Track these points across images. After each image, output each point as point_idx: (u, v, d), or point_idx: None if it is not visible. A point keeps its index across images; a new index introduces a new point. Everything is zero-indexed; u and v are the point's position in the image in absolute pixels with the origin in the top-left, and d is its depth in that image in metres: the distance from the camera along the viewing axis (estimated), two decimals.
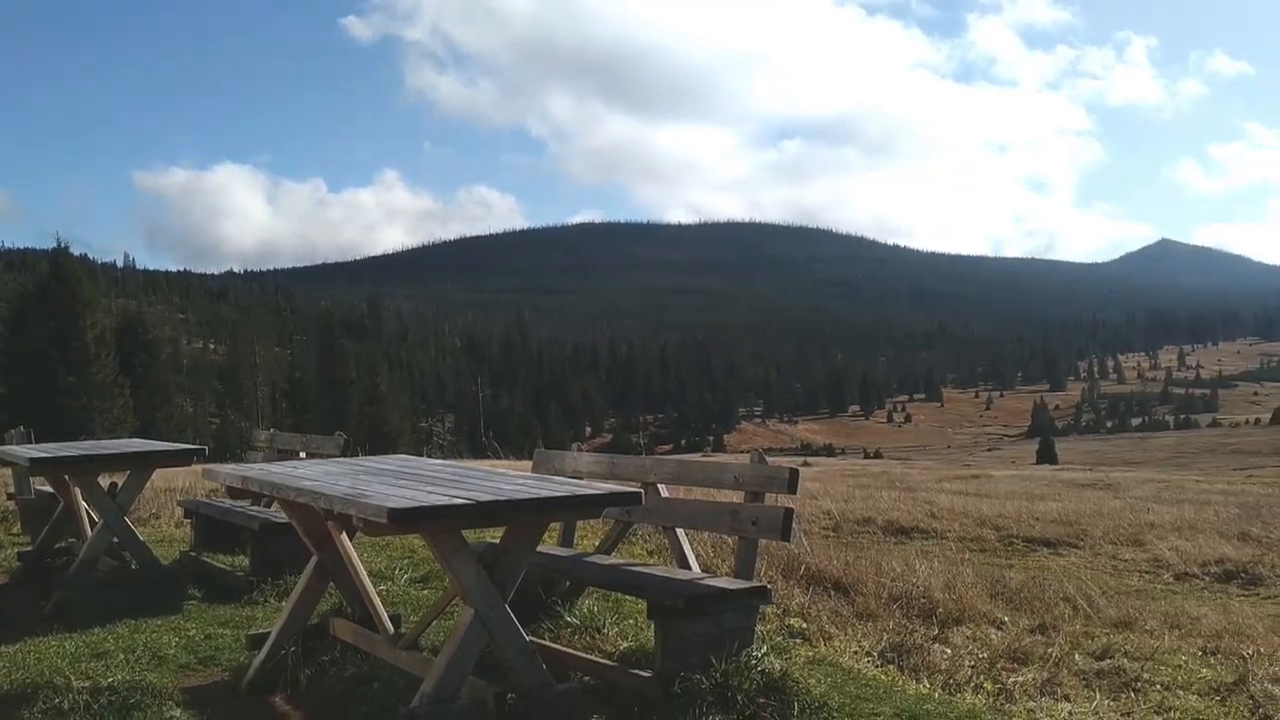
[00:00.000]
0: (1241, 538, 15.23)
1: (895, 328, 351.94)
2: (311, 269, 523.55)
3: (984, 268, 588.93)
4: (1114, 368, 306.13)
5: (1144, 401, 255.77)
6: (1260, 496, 25.32)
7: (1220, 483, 33.68)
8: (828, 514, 15.97)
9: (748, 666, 4.45)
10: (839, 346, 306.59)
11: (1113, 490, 26.94)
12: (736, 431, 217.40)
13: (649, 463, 5.82)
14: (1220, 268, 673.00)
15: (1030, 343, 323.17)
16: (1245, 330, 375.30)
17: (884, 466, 52.21)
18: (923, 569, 8.55)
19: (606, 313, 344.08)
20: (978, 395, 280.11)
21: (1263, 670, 6.39)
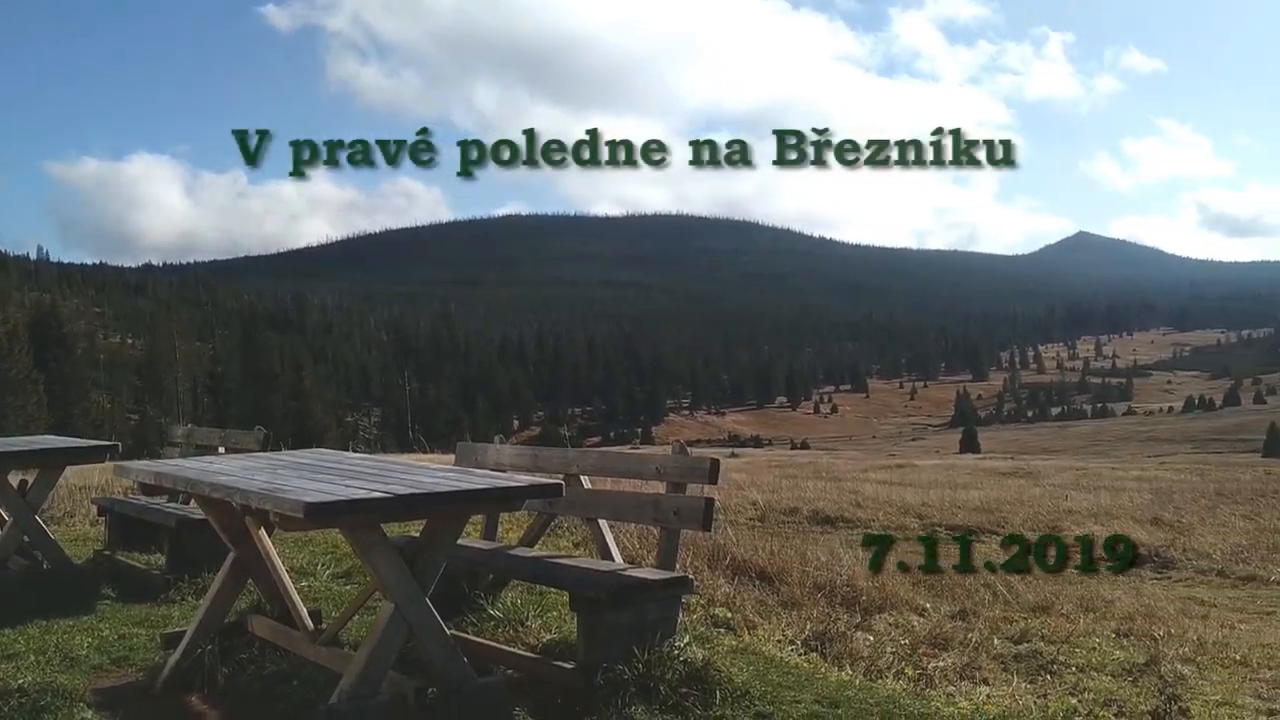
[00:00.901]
0: (1154, 523, 15.62)
1: (821, 319, 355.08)
2: (233, 262, 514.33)
3: (908, 260, 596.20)
4: (1034, 358, 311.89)
5: (1063, 391, 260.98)
6: (1172, 482, 25.95)
7: (1135, 469, 34.44)
8: (754, 504, 16.06)
9: (670, 657, 4.46)
10: (766, 338, 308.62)
11: (1032, 478, 27.44)
12: (664, 423, 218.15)
13: (572, 454, 5.81)
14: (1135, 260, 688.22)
15: (953, 334, 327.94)
16: (1159, 321, 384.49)
17: (810, 457, 52.65)
18: (847, 557, 8.62)
19: (534, 305, 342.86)
20: (902, 386, 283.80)
21: (1173, 650, 6.57)
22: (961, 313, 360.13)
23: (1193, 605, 9.15)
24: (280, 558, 5.22)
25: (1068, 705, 4.98)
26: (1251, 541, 13.49)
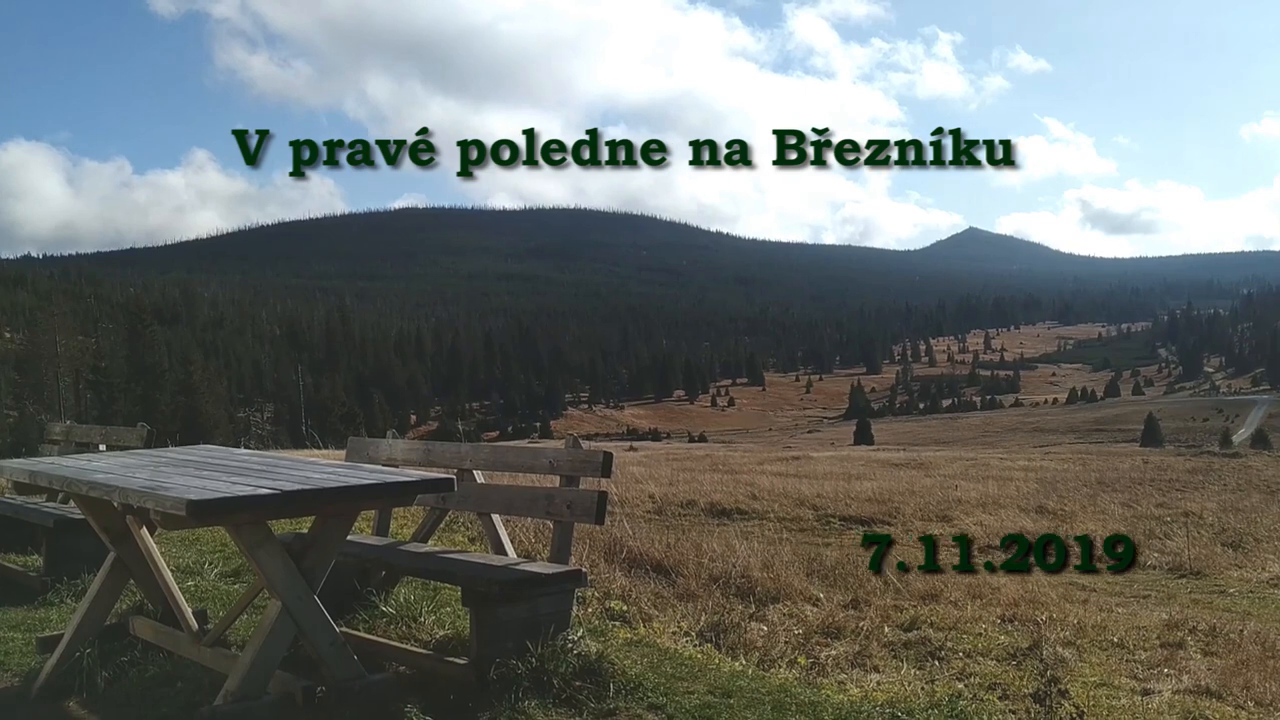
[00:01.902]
0: (1039, 511, 16.13)
1: (718, 314, 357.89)
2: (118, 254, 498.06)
3: (803, 255, 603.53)
4: (926, 351, 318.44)
5: (953, 383, 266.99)
6: (1057, 472, 26.79)
7: (1022, 460, 35.40)
8: (652, 497, 16.14)
9: (564, 650, 4.46)
10: (664, 332, 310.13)
11: (924, 469, 28.06)
12: (563, 418, 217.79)
13: (465, 449, 5.75)
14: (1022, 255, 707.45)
15: (847, 327, 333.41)
16: (1045, 315, 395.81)
17: (708, 450, 53.04)
18: (743, 549, 8.71)
19: (431, 299, 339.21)
20: (798, 379, 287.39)
21: (1054, 635, 6.78)
22: (856, 307, 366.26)
23: (1074, 590, 9.43)
24: (166, 557, 5.09)
25: (954, 690, 5.09)
26: (1129, 528, 14.00)
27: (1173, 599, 9.31)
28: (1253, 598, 9.64)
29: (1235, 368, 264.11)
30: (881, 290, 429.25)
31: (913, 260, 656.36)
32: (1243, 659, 6.35)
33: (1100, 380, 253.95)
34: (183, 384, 70.35)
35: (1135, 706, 5.14)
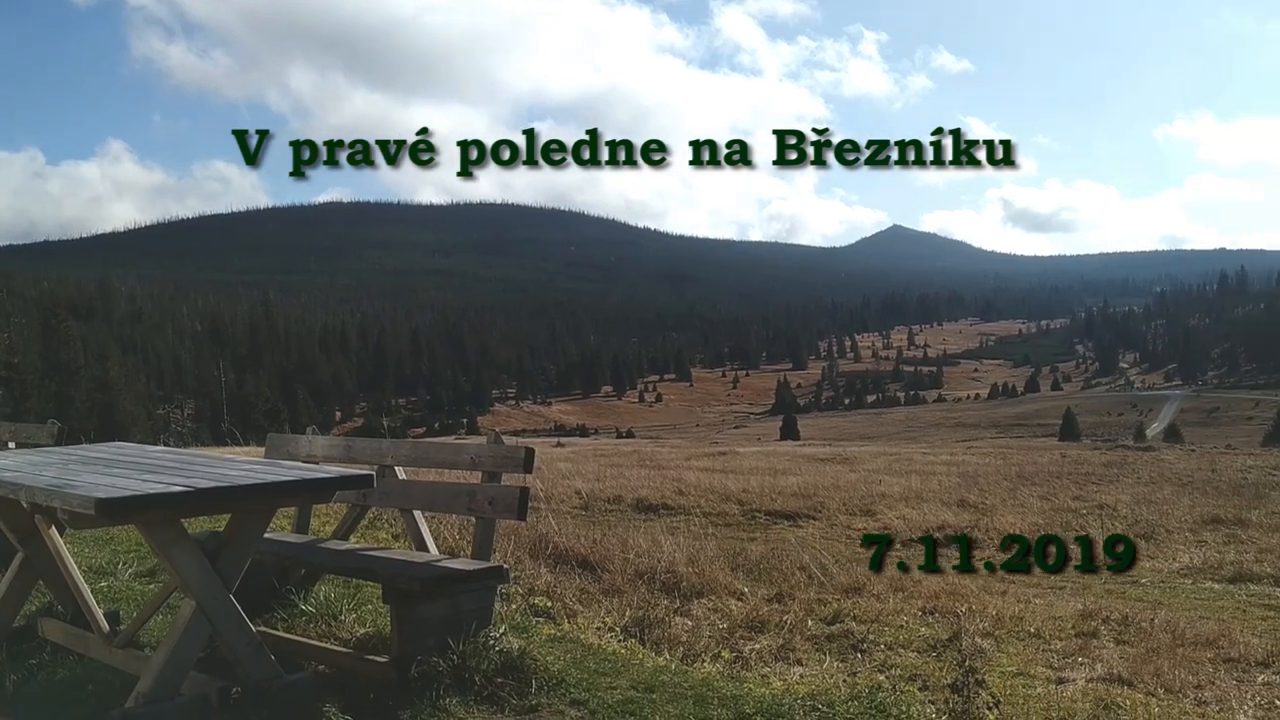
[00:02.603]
0: (961, 504, 16.33)
1: (646, 310, 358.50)
2: (31, 246, 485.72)
3: (730, 251, 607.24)
4: (851, 347, 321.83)
5: (878, 379, 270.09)
6: (978, 466, 27.17)
7: (944, 454, 35.90)
8: (578, 493, 16.08)
9: (486, 647, 4.43)
10: (592, 328, 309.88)
11: (849, 464, 28.30)
12: (490, 414, 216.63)
13: (386, 445, 5.69)
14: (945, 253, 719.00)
15: (774, 324, 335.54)
16: (967, 311, 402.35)
17: (635, 446, 53.06)
18: (668, 545, 8.72)
19: (357, 294, 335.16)
20: (725, 375, 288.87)
21: (974, 626, 6.88)
22: (782, 303, 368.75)
23: (994, 583, 9.56)
24: (79, 557, 4.97)
25: (875, 681, 5.14)
26: (1047, 521, 14.26)
27: (1088, 589, 9.49)
28: (1164, 587, 9.87)
29: (1149, 364, 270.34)
30: (808, 287, 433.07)
31: (838, 257, 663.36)
32: (1153, 647, 6.50)
33: (1021, 376, 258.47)
34: (99, 381, 68.78)
35: (1050, 695, 5.23)
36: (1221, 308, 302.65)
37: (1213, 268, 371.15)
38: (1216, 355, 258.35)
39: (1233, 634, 7.00)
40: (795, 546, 10.20)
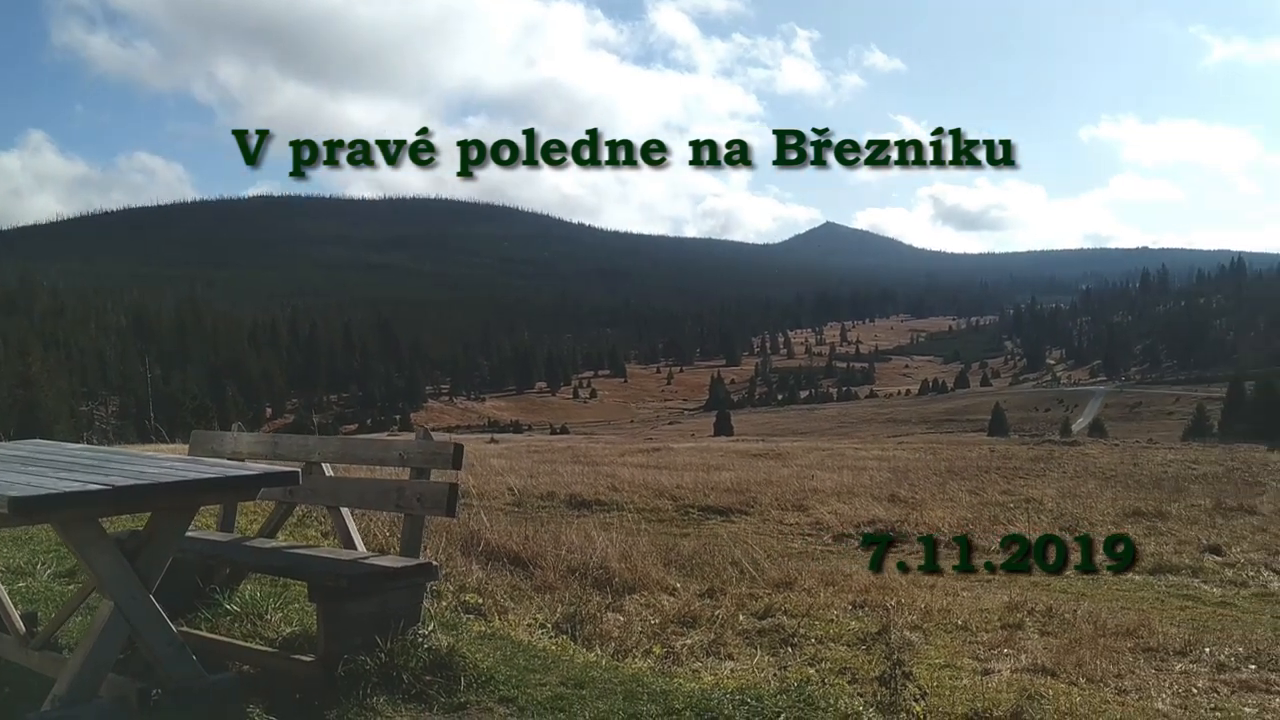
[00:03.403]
0: (891, 499, 16.52)
1: (581, 305, 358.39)
2: None
3: (665, 247, 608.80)
4: (784, 343, 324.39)
5: (811, 375, 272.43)
6: (908, 461, 27.52)
7: (876, 449, 36.33)
8: (511, 490, 16.03)
9: (414, 645, 4.38)
10: (526, 324, 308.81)
11: (782, 459, 28.50)
12: (424, 410, 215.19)
13: (313, 442, 5.61)
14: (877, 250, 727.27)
15: (708, 320, 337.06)
16: (898, 308, 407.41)
17: (569, 442, 52.98)
18: (601, 540, 8.72)
19: (287, 290, 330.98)
20: (659, 371, 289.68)
21: (903, 619, 6.98)
22: (716, 299, 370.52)
23: (922, 576, 9.69)
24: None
25: (804, 675, 5.19)
26: (975, 514, 14.47)
27: (1014, 582, 9.65)
28: (1086, 579, 10.05)
29: (1075, 360, 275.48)
30: (742, 283, 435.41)
31: (772, 254, 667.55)
32: (1076, 638, 6.62)
33: (950, 372, 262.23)
34: (20, 377, 67.27)
35: (975, 686, 5.31)
36: (1144, 305, 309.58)
37: (1136, 266, 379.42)
38: (1139, 352, 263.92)
39: (1152, 624, 7.16)
40: (728, 542, 10.24)
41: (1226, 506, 15.46)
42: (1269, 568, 10.56)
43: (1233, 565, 10.65)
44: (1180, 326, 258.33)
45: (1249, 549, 11.63)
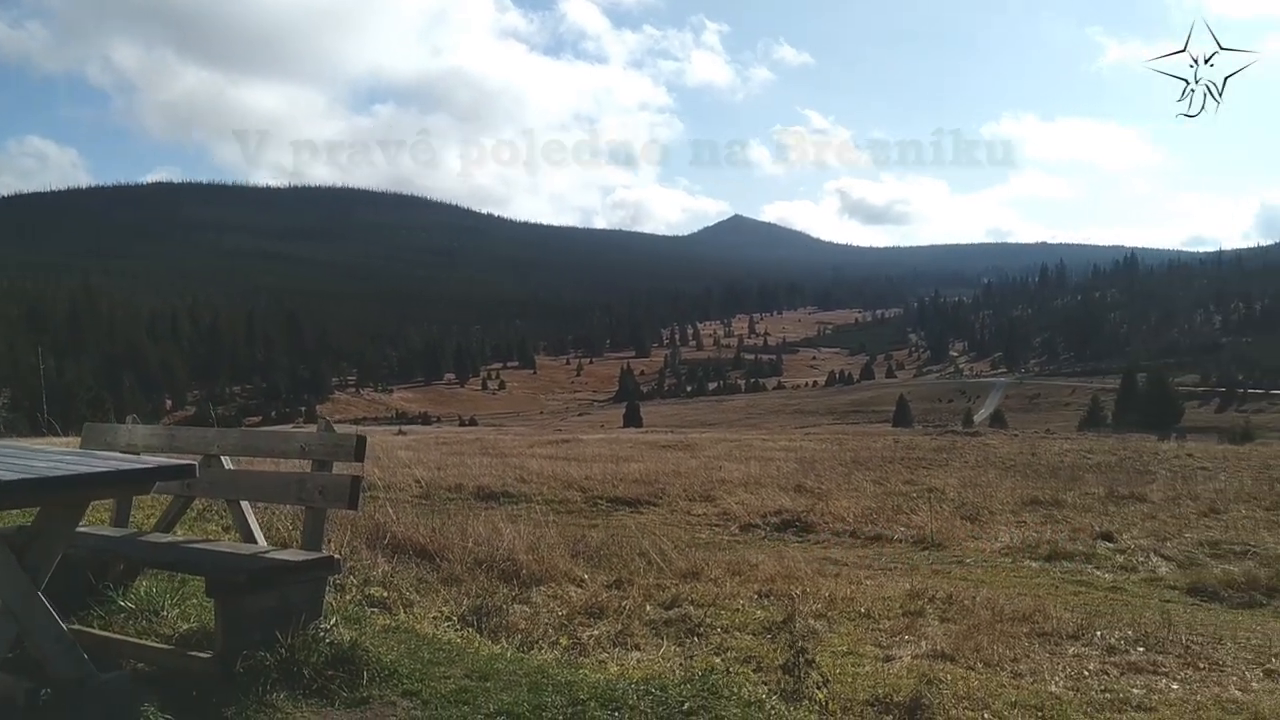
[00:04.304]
0: (798, 490, 16.71)
1: (490, 296, 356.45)
2: None
3: (575, 239, 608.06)
4: (693, 335, 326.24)
5: (719, 367, 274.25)
6: (815, 452, 27.91)
7: (783, 440, 36.77)
8: (419, 481, 15.91)
9: (316, 639, 4.32)
10: (434, 315, 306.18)
11: (690, 450, 28.71)
12: (330, 401, 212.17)
13: (212, 434, 5.49)
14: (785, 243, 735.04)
15: (618, 311, 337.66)
16: (806, 301, 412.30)
17: (478, 433, 52.74)
18: (509, 532, 8.69)
19: (188, 278, 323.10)
20: (569, 362, 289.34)
21: (807, 608, 7.05)
22: (625, 291, 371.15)
23: (828, 565, 9.81)
24: None
25: (710, 664, 5.22)
26: (879, 504, 14.69)
27: (916, 570, 9.82)
28: (986, 566, 10.27)
29: (977, 352, 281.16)
30: (651, 275, 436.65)
31: (681, 246, 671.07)
32: (975, 624, 6.76)
33: (857, 364, 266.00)
34: None
35: (877, 672, 5.40)
36: (1043, 299, 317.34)
37: (1035, 261, 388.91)
38: (1038, 344, 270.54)
39: (1047, 609, 7.34)
40: (636, 533, 10.27)
41: (1118, 494, 15.93)
42: (1158, 553, 10.89)
43: (1124, 551, 10.97)
44: (1077, 320, 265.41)
45: (1139, 535, 11.99)
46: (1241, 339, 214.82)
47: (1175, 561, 10.56)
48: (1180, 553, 10.92)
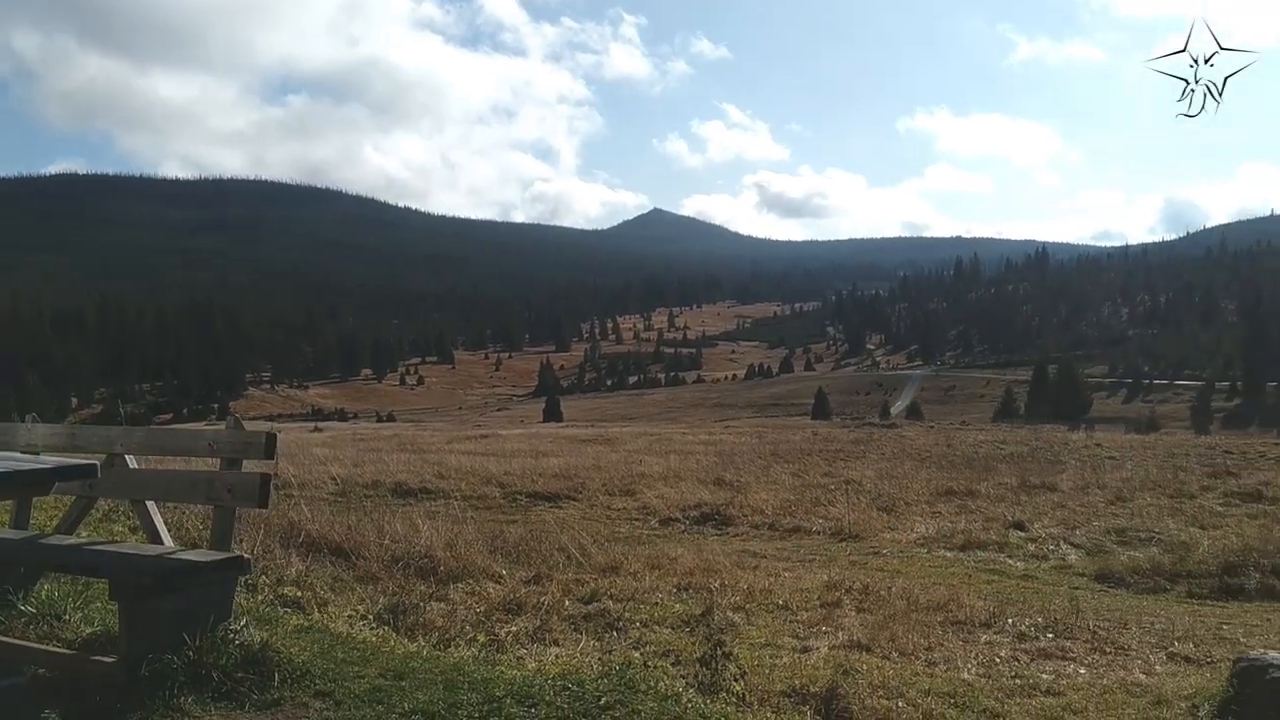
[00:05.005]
0: (717, 483, 16.79)
1: (407, 291, 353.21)
2: None
3: (493, 232, 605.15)
4: (613, 329, 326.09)
5: (639, 361, 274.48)
6: (735, 445, 28.09)
7: (703, 434, 36.97)
8: (335, 479, 15.77)
9: (225, 641, 4.23)
10: (350, 309, 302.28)
11: (610, 445, 28.72)
12: (245, 398, 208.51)
13: (116, 432, 5.34)
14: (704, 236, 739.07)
15: (537, 306, 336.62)
16: (725, 294, 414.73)
17: (396, 429, 52.25)
18: (426, 529, 8.66)
19: (95, 273, 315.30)
20: (488, 357, 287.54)
21: (725, 600, 7.10)
22: (545, 285, 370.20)
23: (746, 558, 9.88)
24: None
25: (628, 658, 5.21)
26: (798, 497, 14.83)
27: (833, 561, 9.93)
28: (902, 557, 10.42)
29: (893, 345, 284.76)
30: (570, 269, 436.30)
31: (601, 239, 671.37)
32: (890, 614, 6.86)
33: (776, 357, 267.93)
34: None
35: (794, 663, 5.44)
36: (957, 292, 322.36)
37: (950, 254, 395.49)
38: (953, 337, 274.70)
39: (960, 598, 7.48)
40: (555, 528, 10.27)
41: (1030, 484, 16.24)
42: (1067, 541, 11.14)
43: (1035, 540, 11.20)
44: (990, 313, 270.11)
45: (1049, 524, 12.24)
46: (1147, 331, 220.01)
47: (1084, 549, 10.81)
48: (1089, 540, 11.18)
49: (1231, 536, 10.83)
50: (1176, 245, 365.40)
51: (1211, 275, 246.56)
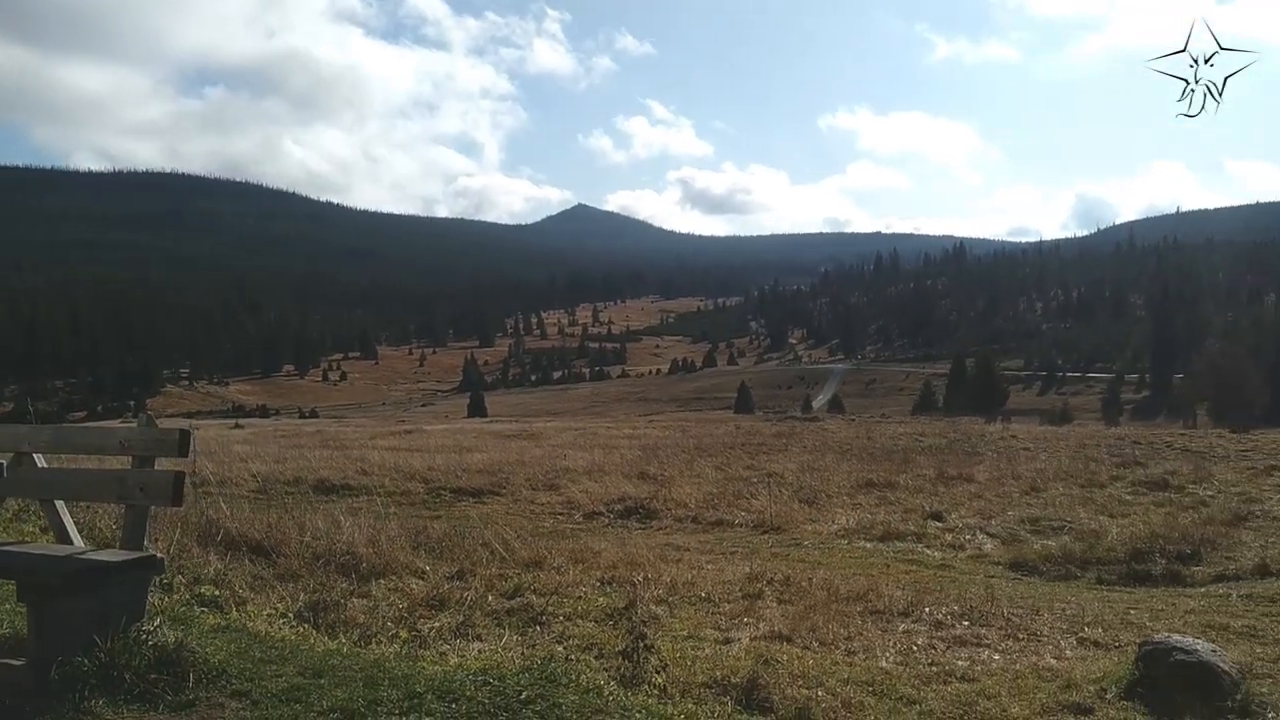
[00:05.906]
0: (641, 477, 16.85)
1: (329, 285, 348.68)
2: None
3: (416, 227, 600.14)
4: (538, 324, 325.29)
5: (564, 355, 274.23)
6: (659, 439, 28.19)
7: (627, 428, 37.05)
8: (256, 476, 15.64)
9: (138, 642, 4.15)
10: (271, 304, 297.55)
11: (535, 440, 28.67)
12: (162, 395, 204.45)
13: (23, 430, 5.21)
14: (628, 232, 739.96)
15: (461, 301, 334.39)
16: (649, 289, 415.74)
17: (319, 426, 51.67)
18: (348, 525, 8.60)
19: (4, 268, 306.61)
20: (412, 352, 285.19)
21: (649, 594, 7.14)
22: (469, 280, 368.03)
23: (670, 551, 9.93)
24: None
25: (551, 652, 5.23)
26: (721, 490, 14.93)
27: (756, 553, 10.02)
28: (823, 548, 10.55)
29: (815, 339, 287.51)
30: (495, 264, 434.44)
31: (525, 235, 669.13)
32: (811, 604, 6.95)
33: (699, 351, 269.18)
34: None
35: (716, 655, 5.49)
36: (877, 287, 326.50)
37: (871, 250, 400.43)
38: (873, 331, 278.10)
39: (879, 588, 7.60)
40: (479, 523, 10.24)
41: (948, 475, 16.54)
42: (983, 531, 11.37)
43: (952, 530, 11.41)
44: (910, 308, 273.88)
45: (966, 515, 12.49)
46: (1061, 325, 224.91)
47: (999, 538, 11.04)
48: (1004, 530, 11.42)
49: (1139, 524, 11.14)
50: (1088, 241, 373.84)
51: (1121, 270, 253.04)
